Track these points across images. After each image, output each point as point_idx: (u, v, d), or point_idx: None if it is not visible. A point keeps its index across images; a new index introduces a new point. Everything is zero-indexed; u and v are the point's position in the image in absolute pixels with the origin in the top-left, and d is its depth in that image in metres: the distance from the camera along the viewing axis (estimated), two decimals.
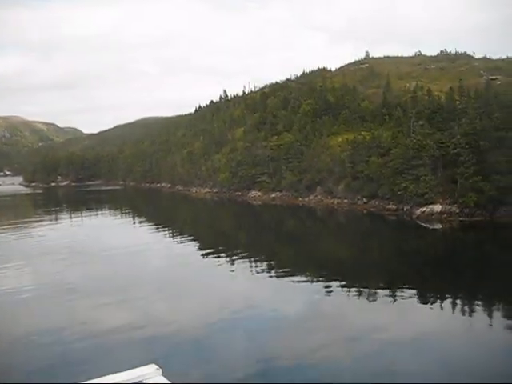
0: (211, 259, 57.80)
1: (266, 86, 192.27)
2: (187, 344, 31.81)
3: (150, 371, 6.39)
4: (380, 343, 31.42)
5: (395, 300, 40.99)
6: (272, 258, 59.79)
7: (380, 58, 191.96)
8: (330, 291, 43.83)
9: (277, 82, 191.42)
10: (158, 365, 6.52)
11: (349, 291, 44.06)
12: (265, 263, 55.58)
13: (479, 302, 40.55)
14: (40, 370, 28.31)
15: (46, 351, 31.37)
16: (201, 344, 31.59)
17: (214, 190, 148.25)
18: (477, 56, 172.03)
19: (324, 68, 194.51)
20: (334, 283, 46.21)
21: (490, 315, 37.12)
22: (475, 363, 28.39)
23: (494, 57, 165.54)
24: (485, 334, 33.47)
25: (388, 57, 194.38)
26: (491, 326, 34.81)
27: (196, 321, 36.40)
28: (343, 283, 46.28)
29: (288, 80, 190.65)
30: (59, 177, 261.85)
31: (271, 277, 49.27)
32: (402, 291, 43.09)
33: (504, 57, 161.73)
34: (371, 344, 31.22)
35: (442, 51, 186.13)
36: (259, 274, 50.13)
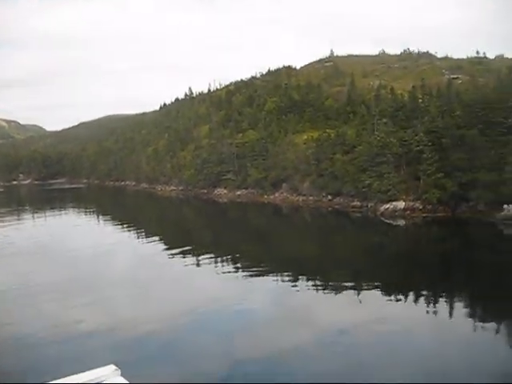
0: (177, 258, 57.49)
1: (231, 84, 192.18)
2: (151, 344, 31.43)
3: (109, 372, 6.37)
4: (349, 339, 31.75)
5: (361, 295, 41.49)
6: (238, 256, 59.75)
7: (344, 57, 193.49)
8: (297, 288, 44.10)
9: (242, 80, 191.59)
10: (117, 365, 6.51)
11: (316, 288, 44.50)
12: (231, 261, 55.58)
13: (442, 296, 41.36)
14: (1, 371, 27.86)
15: (9, 352, 30.89)
16: (166, 344, 31.39)
17: (180, 188, 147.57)
18: (439, 55, 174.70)
19: (289, 66, 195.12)
20: (301, 280, 46.58)
21: (452, 309, 37.77)
22: (442, 356, 28.75)
23: (456, 56, 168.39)
24: (449, 328, 34.11)
25: (352, 55, 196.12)
26: (454, 319, 35.46)
27: (162, 321, 36.06)
28: (310, 280, 46.60)
29: (253, 77, 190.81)
30: (21, 175, 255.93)
31: (238, 275, 49.19)
32: (368, 287, 43.78)
33: (465, 56, 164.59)
34: (340, 341, 31.48)
35: (405, 50, 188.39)
36: (226, 273, 50.02)
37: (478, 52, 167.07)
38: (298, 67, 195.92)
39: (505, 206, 71.21)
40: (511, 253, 58.72)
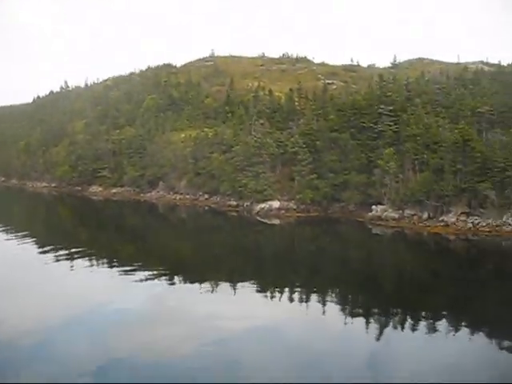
0: (49, 258, 54.21)
1: (109, 79, 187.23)
2: (24, 345, 29.80)
3: None
4: (223, 336, 31.73)
5: (237, 293, 41.69)
6: (113, 255, 57.99)
7: (225, 57, 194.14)
8: (174, 287, 43.79)
9: (121, 75, 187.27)
10: None
11: (192, 286, 44.19)
12: (106, 260, 53.57)
13: (314, 292, 42.30)
14: None
15: None
16: (38, 344, 29.96)
17: (53, 185, 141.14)
18: (316, 61, 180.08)
19: (169, 64, 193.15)
20: (177, 279, 46.23)
21: (324, 304, 38.79)
22: (310, 349, 29.75)
23: (331, 63, 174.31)
24: (319, 322, 35.16)
25: (233, 56, 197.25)
26: (325, 313, 36.49)
27: (35, 322, 34.05)
28: (186, 278, 46.31)
29: (132, 73, 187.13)
30: None
31: (113, 274, 47.50)
32: (244, 284, 44.00)
33: (340, 63, 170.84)
34: (215, 338, 31.37)
35: (284, 54, 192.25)
36: (101, 272, 48.14)
37: (352, 60, 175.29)
38: (178, 65, 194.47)
39: (373, 206, 74.75)
40: (378, 250, 62.23)
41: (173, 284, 44.56)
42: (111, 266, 51.21)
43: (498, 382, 25.66)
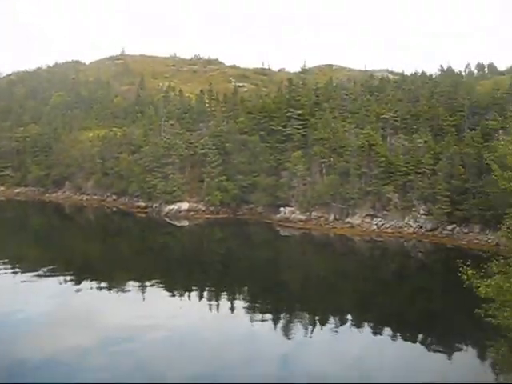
0: None
1: (13, 73, 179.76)
2: None
3: None
4: (133, 337, 31.79)
5: (146, 295, 41.72)
6: (16, 259, 55.07)
7: (136, 56, 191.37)
8: (81, 289, 43.01)
9: (26, 70, 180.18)
10: None
11: (99, 288, 43.45)
12: (8, 266, 50.88)
13: (224, 291, 43.11)
14: None
15: None
16: None
17: None
18: (227, 63, 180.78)
19: (78, 60, 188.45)
20: (85, 281, 45.37)
21: (233, 304, 39.64)
22: (226, 349, 30.28)
23: (243, 66, 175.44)
24: (230, 322, 36.03)
25: (144, 55, 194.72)
26: (234, 313, 37.41)
27: None
28: (94, 281, 45.40)
29: (38, 69, 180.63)
30: None
31: (17, 279, 45.63)
32: (152, 286, 44.17)
33: (251, 67, 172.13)
34: (124, 339, 31.45)
35: (195, 55, 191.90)
36: (3, 277, 46.27)
37: (263, 63, 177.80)
38: (87, 63, 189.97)
39: (281, 208, 76.13)
40: (286, 251, 63.43)
41: (80, 287, 43.83)
42: (14, 272, 48.94)
43: (403, 373, 26.94)
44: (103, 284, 44.60)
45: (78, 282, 44.90)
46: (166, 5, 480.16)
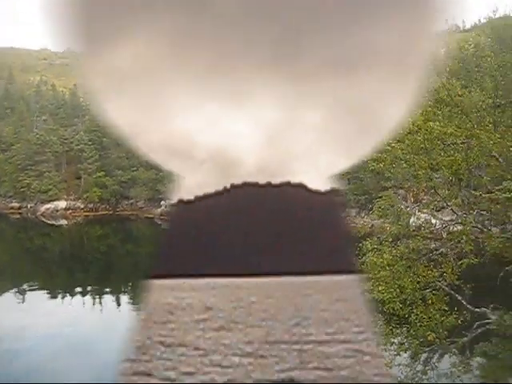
0: None
1: None
2: None
3: None
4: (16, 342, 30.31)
5: (24, 298, 40.22)
6: None
7: (3, 48, 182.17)
8: None
9: None
10: None
11: None
12: None
13: (107, 289, 42.23)
14: None
15: None
16: None
17: None
18: None
19: None
20: None
21: (118, 300, 39.24)
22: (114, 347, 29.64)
23: None
24: (113, 317, 34.95)
25: (12, 48, 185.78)
26: (120, 308, 37.00)
27: None
28: None
29: None
30: None
31: None
32: (31, 289, 42.46)
33: None
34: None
35: (68, 48, 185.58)
36: None
37: None
38: None
39: (162, 202, 75.58)
40: None
41: None
42: None
43: None
44: None
45: None
46: None
